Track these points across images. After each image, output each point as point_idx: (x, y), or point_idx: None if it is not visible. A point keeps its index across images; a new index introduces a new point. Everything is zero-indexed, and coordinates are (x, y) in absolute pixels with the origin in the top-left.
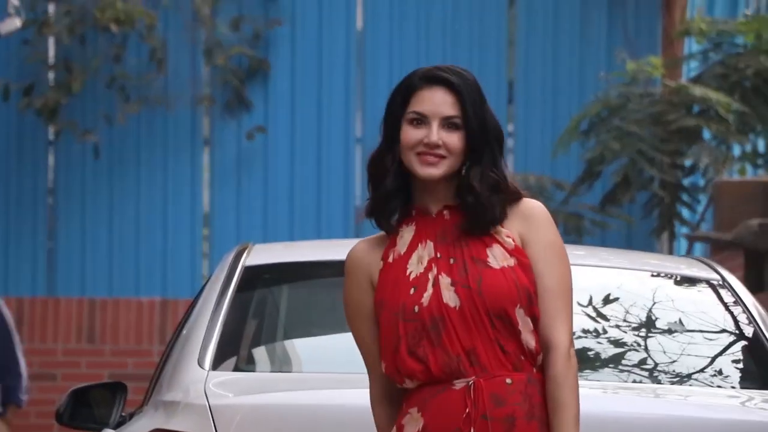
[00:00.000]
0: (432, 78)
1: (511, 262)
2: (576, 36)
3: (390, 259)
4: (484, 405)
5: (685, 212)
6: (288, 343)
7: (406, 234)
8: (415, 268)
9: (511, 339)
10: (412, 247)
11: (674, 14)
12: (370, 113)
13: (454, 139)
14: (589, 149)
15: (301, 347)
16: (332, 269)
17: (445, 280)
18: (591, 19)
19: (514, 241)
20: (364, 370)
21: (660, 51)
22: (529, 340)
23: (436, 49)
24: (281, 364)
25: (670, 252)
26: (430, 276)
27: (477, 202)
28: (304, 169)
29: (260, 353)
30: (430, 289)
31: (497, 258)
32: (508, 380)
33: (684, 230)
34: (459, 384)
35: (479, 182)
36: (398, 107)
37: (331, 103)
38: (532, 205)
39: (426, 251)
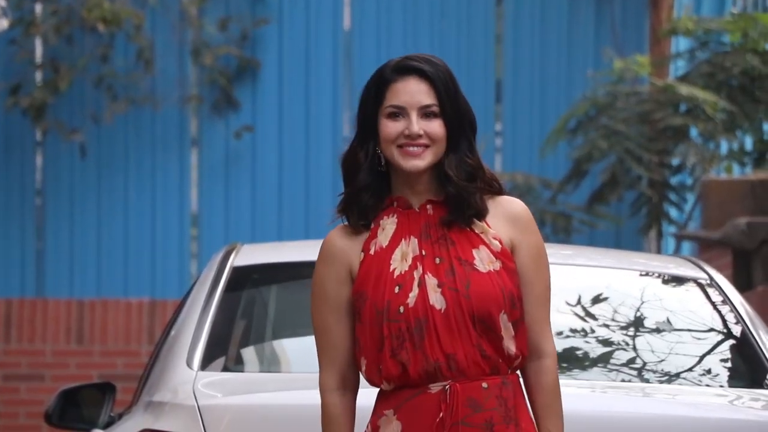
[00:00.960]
0: (404, 68)
1: (497, 265)
2: (563, 34)
3: (371, 251)
4: (461, 410)
5: (673, 211)
6: (277, 343)
7: (388, 226)
8: (399, 265)
9: (492, 344)
10: (394, 242)
11: (661, 13)
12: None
13: (435, 127)
14: (577, 148)
15: (289, 347)
16: None
17: (431, 281)
18: (578, 18)
19: (501, 243)
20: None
21: (647, 50)
22: (510, 345)
23: (423, 48)
24: (270, 364)
25: (658, 251)
26: (416, 275)
27: (457, 193)
28: (292, 168)
29: (249, 353)
30: (416, 290)
31: (483, 261)
32: (485, 384)
33: (671, 229)
34: (435, 388)
35: (455, 170)
36: (372, 102)
37: (319, 103)
38: (517, 206)
39: (410, 248)
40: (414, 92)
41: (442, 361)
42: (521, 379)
